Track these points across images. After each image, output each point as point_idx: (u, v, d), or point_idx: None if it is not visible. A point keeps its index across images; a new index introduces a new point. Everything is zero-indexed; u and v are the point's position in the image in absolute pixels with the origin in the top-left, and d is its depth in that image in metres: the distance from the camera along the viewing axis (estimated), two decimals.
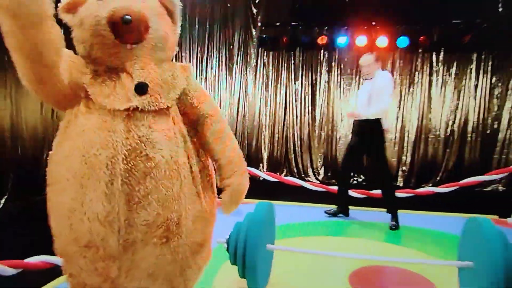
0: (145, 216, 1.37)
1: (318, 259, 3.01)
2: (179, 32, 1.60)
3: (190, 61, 6.70)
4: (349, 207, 4.26)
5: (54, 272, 2.43)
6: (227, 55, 6.68)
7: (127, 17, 1.32)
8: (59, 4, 1.41)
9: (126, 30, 1.35)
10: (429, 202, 4.54)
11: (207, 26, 6.60)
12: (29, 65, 1.33)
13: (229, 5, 6.51)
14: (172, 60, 1.58)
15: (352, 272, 2.75)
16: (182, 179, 1.44)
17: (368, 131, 3.86)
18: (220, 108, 6.72)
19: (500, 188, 5.96)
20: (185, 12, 6.54)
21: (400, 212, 3.97)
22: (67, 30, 1.43)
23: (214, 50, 6.68)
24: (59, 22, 1.37)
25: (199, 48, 6.68)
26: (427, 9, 5.92)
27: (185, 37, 6.58)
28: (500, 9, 5.82)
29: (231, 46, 6.64)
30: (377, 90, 3.73)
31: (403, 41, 5.95)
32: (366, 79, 3.97)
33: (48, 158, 1.44)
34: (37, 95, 1.43)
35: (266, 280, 2.54)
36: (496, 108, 6.17)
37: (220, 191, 1.66)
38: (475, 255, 2.21)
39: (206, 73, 6.75)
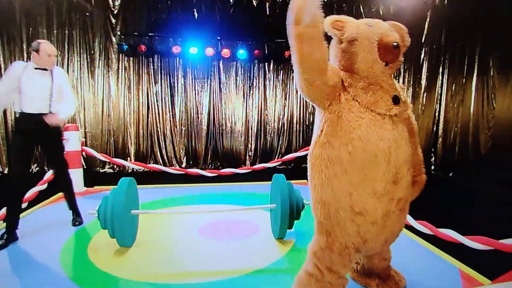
0: (400, 193, 1.68)
1: (175, 219, 3.57)
2: None
3: None
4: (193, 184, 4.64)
5: None
6: (89, 60, 6.51)
7: (396, 43, 1.63)
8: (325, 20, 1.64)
9: (392, 53, 1.65)
10: (265, 175, 5.55)
11: (66, 32, 6.31)
12: (307, 73, 1.57)
13: (87, 13, 6.37)
14: None
15: (201, 226, 3.40)
16: (410, 168, 1.75)
17: (47, 128, 3.10)
18: (84, 108, 6.61)
19: None
20: (40, 17, 6.21)
21: (243, 184, 4.84)
22: None
23: (75, 55, 6.40)
24: None
25: (58, 52, 6.30)
26: (259, 29, 7.07)
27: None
28: None
29: (92, 52, 6.50)
30: (62, 85, 3.24)
31: (242, 54, 6.86)
32: (37, 69, 3.11)
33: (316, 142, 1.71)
34: (307, 95, 1.66)
35: (133, 238, 2.97)
36: (311, 106, 7.75)
37: None
38: (276, 200, 3.10)
39: (68, 75, 6.50)
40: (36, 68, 3.12)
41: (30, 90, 3.07)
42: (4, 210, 3.10)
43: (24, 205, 3.55)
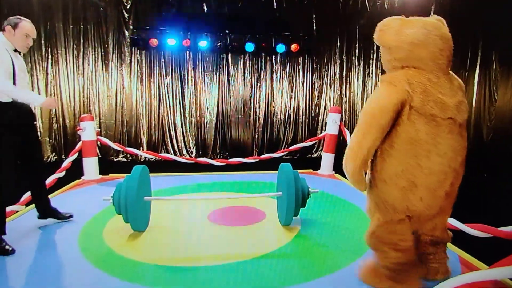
0: None
1: (186, 206, 3.61)
2: None
3: (66, 58, 6.36)
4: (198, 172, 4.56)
5: None
6: (103, 53, 6.53)
7: None
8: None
9: None
10: (271, 165, 5.56)
11: (81, 26, 6.33)
12: None
13: (101, 8, 6.38)
14: None
15: (210, 212, 3.44)
16: None
17: (33, 119, 2.78)
18: (98, 99, 6.66)
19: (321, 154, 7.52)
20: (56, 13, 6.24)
21: (251, 173, 4.84)
22: None
23: (90, 48, 6.43)
24: None
25: (74, 46, 6.37)
26: (266, 23, 7.01)
27: (60, 36, 6.23)
28: (315, 27, 7.28)
29: (106, 45, 6.51)
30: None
31: (250, 46, 6.80)
32: (16, 51, 2.57)
33: None
34: None
35: (146, 223, 3.01)
36: (316, 98, 7.68)
37: None
38: (283, 187, 3.08)
39: (83, 68, 6.55)
40: (14, 50, 2.54)
41: (21, 76, 2.54)
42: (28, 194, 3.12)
43: None
